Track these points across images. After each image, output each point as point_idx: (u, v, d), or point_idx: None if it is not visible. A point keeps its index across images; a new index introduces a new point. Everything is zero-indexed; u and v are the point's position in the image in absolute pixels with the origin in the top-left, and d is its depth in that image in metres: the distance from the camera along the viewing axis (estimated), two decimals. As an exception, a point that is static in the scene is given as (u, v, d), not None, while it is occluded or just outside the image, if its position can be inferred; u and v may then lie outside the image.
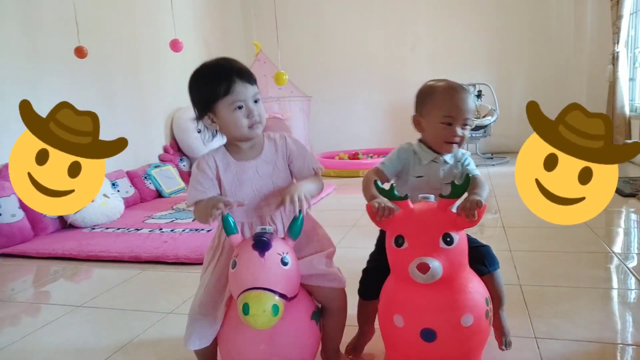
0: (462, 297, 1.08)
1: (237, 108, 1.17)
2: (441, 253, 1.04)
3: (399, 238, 1.08)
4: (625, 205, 3.00)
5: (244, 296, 1.02)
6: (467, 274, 1.13)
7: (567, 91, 5.40)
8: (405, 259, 1.06)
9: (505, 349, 1.32)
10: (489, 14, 5.72)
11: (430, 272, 1.01)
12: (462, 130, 1.28)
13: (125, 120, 4.15)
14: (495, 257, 1.29)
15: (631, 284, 1.86)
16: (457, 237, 1.07)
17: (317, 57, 6.23)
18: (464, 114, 1.27)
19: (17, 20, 3.25)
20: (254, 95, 1.19)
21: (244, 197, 1.21)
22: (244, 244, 1.10)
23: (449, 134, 1.28)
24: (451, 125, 1.27)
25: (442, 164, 1.32)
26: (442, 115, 1.28)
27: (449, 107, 1.27)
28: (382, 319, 1.18)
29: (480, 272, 1.23)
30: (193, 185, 1.22)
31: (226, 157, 1.24)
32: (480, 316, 1.10)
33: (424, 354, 1.10)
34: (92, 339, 1.64)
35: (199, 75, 1.21)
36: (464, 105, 1.27)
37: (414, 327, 1.08)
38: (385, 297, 1.18)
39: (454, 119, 1.27)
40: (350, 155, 5.63)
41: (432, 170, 1.32)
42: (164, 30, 4.38)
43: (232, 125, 1.19)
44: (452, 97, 1.28)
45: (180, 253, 2.45)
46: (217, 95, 1.17)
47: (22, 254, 2.67)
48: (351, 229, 2.76)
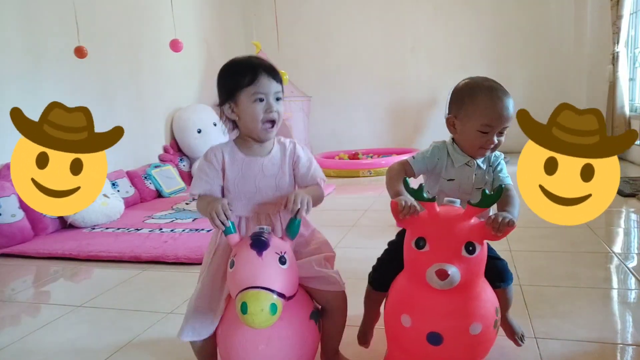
0: (474, 305, 1.07)
1: (257, 100, 1.19)
2: (462, 261, 1.02)
3: (421, 240, 1.06)
4: (625, 205, 3.00)
5: (242, 295, 1.02)
6: (481, 282, 1.12)
7: (567, 91, 5.40)
8: (424, 262, 1.04)
9: (522, 344, 1.35)
10: (488, 14, 5.72)
11: (448, 280, 1.00)
12: (499, 137, 1.23)
13: (125, 120, 4.15)
14: (511, 273, 1.28)
15: (631, 284, 1.86)
16: (479, 247, 1.05)
17: (317, 57, 6.23)
18: (505, 122, 1.20)
19: (17, 20, 3.25)
20: (276, 92, 1.21)
21: (245, 191, 1.23)
22: (242, 243, 1.11)
23: (486, 141, 1.22)
24: (488, 133, 1.21)
25: (475, 169, 1.27)
26: (481, 123, 1.20)
27: (491, 115, 1.19)
28: (388, 316, 1.17)
29: (496, 286, 1.21)
30: (199, 175, 1.24)
31: (234, 151, 1.25)
32: (489, 325, 1.09)
33: (428, 356, 1.09)
34: (92, 339, 1.64)
35: (228, 66, 1.24)
36: (507, 113, 1.19)
37: (421, 329, 1.08)
38: (394, 294, 1.17)
39: (494, 128, 1.20)
40: (350, 155, 5.63)
41: (465, 174, 1.27)
42: (164, 30, 4.38)
43: (249, 117, 1.20)
44: (496, 105, 1.19)
45: (180, 253, 2.45)
46: (241, 85, 1.19)
47: (22, 254, 2.67)
48: (351, 229, 2.75)
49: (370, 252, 1.38)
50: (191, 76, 5.16)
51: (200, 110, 4.93)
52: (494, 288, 1.19)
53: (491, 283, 1.19)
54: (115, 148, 1.42)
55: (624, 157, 4.52)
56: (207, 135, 4.75)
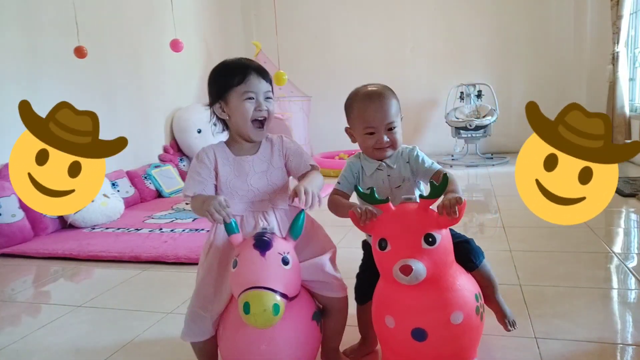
0: (450, 295, 1.09)
1: (247, 99, 1.21)
2: (424, 254, 1.04)
3: (382, 241, 1.08)
4: (625, 205, 3.00)
5: (244, 295, 1.02)
6: (453, 271, 1.13)
7: (567, 91, 5.40)
8: (389, 261, 1.06)
9: (511, 329, 1.32)
10: (488, 14, 5.71)
11: (413, 274, 1.01)
12: (388, 135, 1.27)
13: (125, 120, 4.15)
14: (480, 249, 1.28)
15: (631, 284, 1.86)
16: (439, 237, 1.06)
17: (317, 57, 6.22)
18: (383, 120, 1.26)
19: (17, 20, 3.25)
20: (266, 92, 1.24)
21: (239, 190, 1.24)
22: (245, 243, 1.11)
23: (376, 142, 1.28)
24: (374, 134, 1.27)
25: (387, 169, 1.31)
26: (363, 127, 1.28)
27: (366, 118, 1.27)
28: (375, 320, 1.19)
29: (468, 267, 1.23)
30: (191, 175, 1.26)
31: (225, 151, 1.28)
32: (470, 313, 1.11)
33: (417, 353, 1.11)
34: (92, 339, 1.64)
35: (219, 67, 1.27)
36: (380, 113, 1.26)
37: (404, 327, 1.09)
38: (376, 299, 1.18)
39: (375, 128, 1.27)
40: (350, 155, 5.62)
41: (379, 179, 1.32)
42: (164, 30, 4.38)
43: (240, 115, 1.22)
44: (369, 107, 1.27)
45: (180, 253, 2.45)
46: (231, 84, 1.21)
47: (22, 254, 2.67)
48: (351, 229, 2.72)
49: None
50: (191, 76, 5.16)
51: (200, 110, 4.92)
52: (468, 270, 1.21)
53: (464, 266, 1.21)
54: (116, 148, 1.42)
55: (624, 157, 4.52)
56: (207, 135, 4.75)
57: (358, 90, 1.33)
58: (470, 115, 5.32)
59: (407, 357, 1.13)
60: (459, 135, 5.15)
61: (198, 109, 4.95)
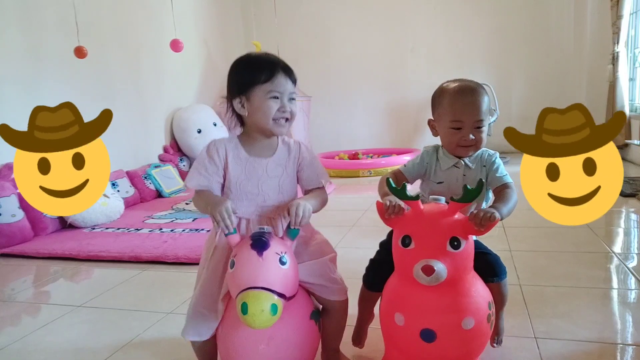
0: (465, 300, 1.08)
1: (272, 97, 1.17)
2: (447, 256, 1.03)
3: (406, 238, 1.07)
4: (625, 205, 3.00)
5: (242, 295, 1.02)
6: (471, 277, 1.12)
7: (567, 91, 5.40)
8: (410, 259, 1.05)
9: (495, 346, 1.33)
10: (488, 14, 5.71)
11: (434, 275, 1.01)
12: (475, 133, 1.25)
13: (125, 121, 4.15)
14: (504, 267, 1.28)
15: (631, 284, 1.86)
16: (464, 242, 1.05)
17: (317, 57, 6.22)
18: (473, 117, 1.23)
19: (17, 20, 3.25)
20: (291, 92, 1.20)
21: (248, 192, 1.21)
22: (242, 243, 1.10)
23: (460, 138, 1.25)
24: (460, 129, 1.25)
25: (464, 169, 1.29)
26: (450, 120, 1.25)
27: (455, 111, 1.24)
28: (383, 316, 1.18)
29: (489, 280, 1.21)
30: (197, 168, 1.21)
31: (238, 149, 1.22)
32: (481, 320, 1.10)
33: (423, 353, 1.10)
34: (92, 339, 1.64)
35: (243, 61, 1.22)
36: (471, 108, 1.23)
37: (414, 327, 1.08)
38: (387, 294, 1.17)
39: (463, 123, 1.24)
40: (350, 155, 5.63)
41: (453, 176, 1.29)
42: (164, 30, 4.38)
43: (262, 112, 1.17)
44: (459, 101, 1.24)
45: (180, 253, 2.46)
46: (257, 81, 1.16)
47: (22, 254, 2.67)
48: (351, 229, 2.75)
49: (370, 252, 1.38)
50: (191, 76, 5.16)
51: (200, 110, 4.93)
52: (487, 283, 1.20)
53: (484, 278, 1.20)
54: (116, 148, 1.42)
55: (624, 157, 4.52)
56: (207, 135, 4.75)
57: (448, 84, 1.29)
58: (470, 115, 5.32)
59: (413, 356, 1.13)
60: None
61: (198, 109, 4.96)
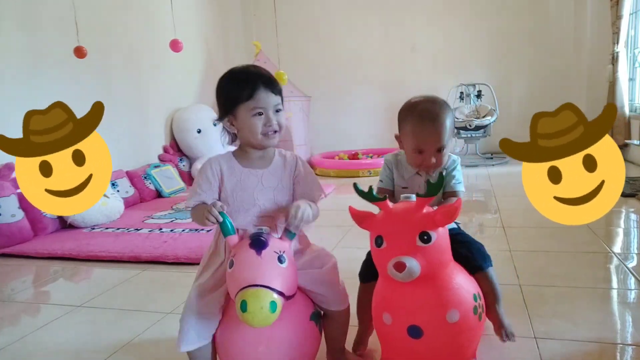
0: (446, 294, 1.09)
1: (256, 114, 1.19)
2: (418, 251, 1.05)
3: (379, 238, 1.09)
4: (625, 205, 3.00)
5: (241, 294, 1.02)
6: (450, 270, 1.13)
7: (566, 91, 5.40)
8: (384, 258, 1.07)
9: (506, 340, 1.30)
10: (488, 14, 5.71)
11: (406, 271, 1.02)
12: (436, 157, 1.27)
13: (125, 120, 4.15)
14: (488, 255, 1.29)
15: (631, 284, 1.86)
16: (434, 235, 1.07)
17: (317, 57, 6.22)
18: (435, 144, 1.25)
19: (16, 20, 3.25)
20: (276, 105, 1.21)
21: (244, 203, 1.22)
22: (241, 243, 1.11)
23: (422, 161, 1.28)
24: (422, 153, 1.27)
25: (425, 175, 1.32)
26: (413, 146, 1.27)
27: (417, 139, 1.26)
28: (374, 318, 1.20)
29: (473, 269, 1.23)
30: (194, 188, 1.25)
31: (232, 163, 1.25)
32: (467, 312, 1.11)
33: (413, 350, 1.11)
34: (92, 339, 1.64)
35: (226, 78, 1.23)
36: (433, 136, 1.25)
37: (401, 324, 1.10)
38: (375, 296, 1.19)
39: (424, 150, 1.26)
40: (350, 155, 5.63)
41: (415, 183, 1.33)
42: (164, 30, 4.37)
43: (248, 130, 1.20)
44: (420, 129, 1.25)
45: (179, 253, 2.45)
46: (239, 99, 1.19)
47: (22, 254, 2.67)
48: (351, 229, 2.75)
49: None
50: (191, 76, 5.16)
51: (200, 110, 4.92)
52: (472, 273, 1.21)
53: (469, 269, 1.21)
54: (115, 148, 1.42)
55: (624, 158, 4.52)
56: (207, 135, 4.75)
57: (415, 105, 1.29)
58: (470, 115, 5.32)
59: (404, 354, 1.14)
60: (459, 135, 5.16)
61: (198, 109, 4.95)
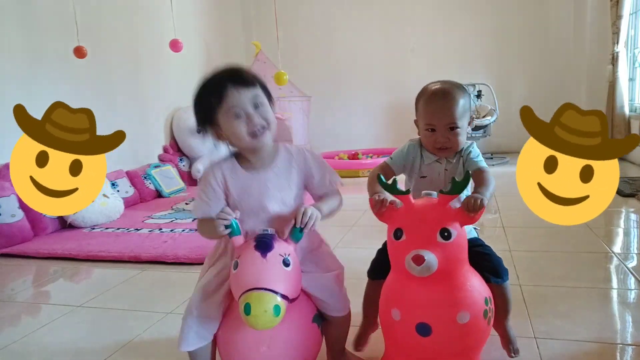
0: (459, 294, 1.09)
1: (234, 116, 1.10)
2: (438, 247, 1.05)
3: (398, 231, 1.09)
4: (625, 205, 3.00)
5: (245, 296, 1.01)
6: (465, 271, 1.13)
7: (566, 91, 5.40)
8: (402, 251, 1.07)
9: (513, 356, 1.31)
10: (488, 14, 5.71)
11: (425, 265, 1.02)
12: (449, 135, 1.26)
13: (125, 120, 4.14)
14: (506, 269, 1.28)
15: (631, 284, 1.86)
16: (455, 233, 1.07)
17: (317, 57, 6.22)
18: (445, 120, 1.26)
19: (16, 20, 3.25)
20: (252, 98, 1.11)
21: (251, 208, 1.17)
22: (246, 245, 1.10)
23: (435, 140, 1.28)
24: (434, 131, 1.27)
25: (445, 164, 1.32)
26: (425, 123, 1.29)
27: (428, 114, 1.28)
28: (381, 313, 1.20)
29: (491, 281, 1.22)
30: (200, 196, 1.19)
31: (234, 167, 1.19)
32: (477, 314, 1.10)
33: (420, 348, 1.11)
34: (92, 339, 1.64)
35: (197, 88, 1.17)
36: (443, 111, 1.25)
37: (409, 321, 1.09)
38: (385, 291, 1.19)
39: (436, 126, 1.27)
40: (350, 155, 5.62)
41: (435, 171, 1.32)
42: (164, 30, 4.37)
43: (233, 135, 1.12)
44: (431, 105, 1.28)
45: (180, 253, 2.45)
46: (212, 106, 1.11)
47: (22, 254, 2.67)
48: (351, 229, 2.75)
49: (370, 252, 1.38)
50: (191, 76, 5.10)
51: (200, 110, 4.92)
52: (489, 283, 1.21)
53: (486, 279, 1.21)
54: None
55: (624, 157, 4.52)
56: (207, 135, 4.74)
57: (428, 86, 1.33)
58: (470, 115, 5.32)
59: (411, 351, 1.14)
60: (459, 135, 5.16)
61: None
